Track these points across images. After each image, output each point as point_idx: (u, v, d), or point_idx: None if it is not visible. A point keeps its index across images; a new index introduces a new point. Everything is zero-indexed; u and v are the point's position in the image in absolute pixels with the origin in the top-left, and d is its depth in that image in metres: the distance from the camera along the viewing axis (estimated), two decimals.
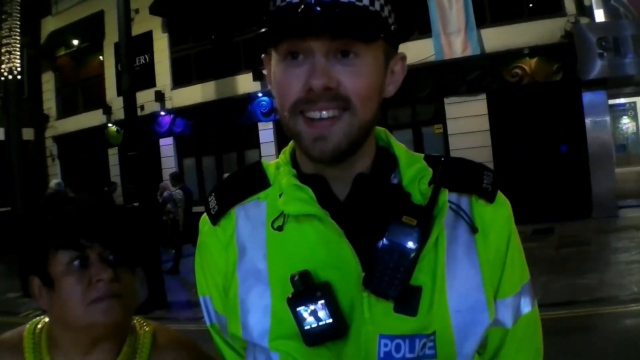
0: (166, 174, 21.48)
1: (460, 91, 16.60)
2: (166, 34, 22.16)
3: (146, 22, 21.66)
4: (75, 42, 24.94)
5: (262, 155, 20.10)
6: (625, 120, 29.42)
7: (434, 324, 1.22)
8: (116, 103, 21.64)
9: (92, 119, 23.79)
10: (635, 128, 29.08)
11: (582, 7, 15.45)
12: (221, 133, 20.95)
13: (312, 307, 1.19)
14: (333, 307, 1.20)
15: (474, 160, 1.38)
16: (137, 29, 19.50)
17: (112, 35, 20.83)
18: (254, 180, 1.40)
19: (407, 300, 1.20)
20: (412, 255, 1.18)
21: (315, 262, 1.26)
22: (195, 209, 21.11)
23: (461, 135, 16.62)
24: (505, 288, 1.34)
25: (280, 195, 1.32)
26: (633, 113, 28.97)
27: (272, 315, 1.28)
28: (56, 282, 1.45)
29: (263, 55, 1.35)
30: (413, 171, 1.31)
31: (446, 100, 17.00)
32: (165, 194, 19.39)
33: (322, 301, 1.19)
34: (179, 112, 21.57)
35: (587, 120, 15.39)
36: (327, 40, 1.16)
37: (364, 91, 1.20)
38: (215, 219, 1.42)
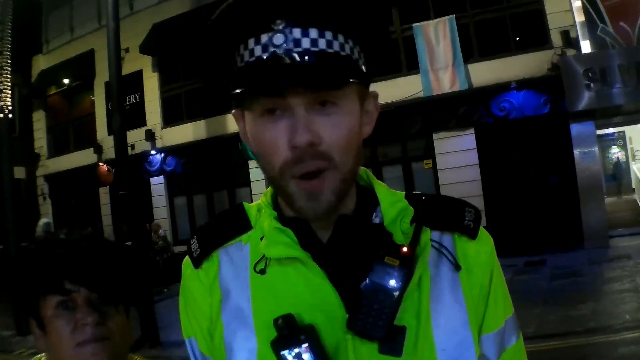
0: (157, 213, 21.48)
1: (449, 126, 16.66)
2: (156, 73, 22.22)
3: (136, 61, 21.73)
4: (66, 80, 24.98)
5: (252, 193, 20.08)
6: (614, 149, 29.53)
7: None
8: (107, 142, 21.64)
9: (83, 157, 23.77)
10: (624, 157, 29.19)
11: (569, 39, 15.57)
12: (212, 171, 20.97)
13: (296, 350, 1.18)
14: (317, 350, 1.18)
15: (454, 197, 1.38)
16: (127, 68, 19.57)
17: (102, 74, 20.85)
18: (236, 223, 1.40)
19: (392, 340, 1.18)
20: (396, 295, 1.17)
21: (299, 305, 1.25)
22: (183, 249, 21.16)
23: (451, 170, 16.66)
24: (490, 323, 1.32)
25: (262, 239, 1.32)
26: (622, 142, 29.09)
27: (258, 358, 1.26)
28: (47, 325, 1.47)
29: (233, 111, 1.35)
30: (395, 210, 1.31)
31: (435, 136, 17.04)
32: (160, 232, 19.42)
33: (306, 344, 1.18)
34: (170, 151, 21.58)
35: (576, 152, 15.43)
36: (302, 92, 1.14)
37: (343, 143, 1.19)
38: (197, 262, 1.40)
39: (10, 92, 14.66)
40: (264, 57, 1.15)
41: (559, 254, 14.78)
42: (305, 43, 1.14)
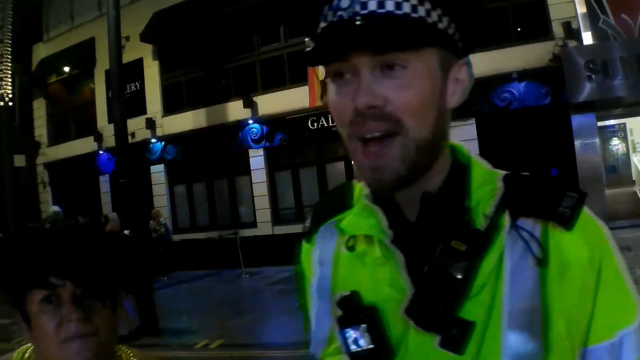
0: (157, 201, 21.49)
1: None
2: (157, 61, 22.22)
3: (137, 50, 21.72)
4: (67, 69, 24.99)
5: (252, 181, 20.12)
6: (615, 141, 29.46)
7: None
8: (107, 130, 21.65)
9: (83, 146, 23.79)
10: (625, 149, 29.13)
11: (570, 30, 15.52)
12: (212, 160, 20.98)
13: (356, 330, 1.18)
14: (375, 333, 1.17)
15: (560, 179, 1.25)
16: (128, 56, 19.55)
17: (103, 62, 20.84)
18: (339, 200, 1.39)
19: (453, 335, 1.09)
20: (457, 284, 1.10)
21: (369, 285, 1.23)
22: (185, 237, 21.16)
23: None
24: (598, 333, 1.10)
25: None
26: (623, 134, 29.02)
27: (330, 333, 1.31)
28: (32, 320, 1.46)
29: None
30: (483, 191, 1.18)
31: None
32: (161, 220, 19.44)
33: (364, 326, 1.17)
34: (170, 139, 21.60)
35: (577, 143, 15.41)
36: (367, 55, 1.10)
37: (414, 104, 1.10)
38: (308, 237, 1.47)
39: (10, 80, 14.69)
40: (333, 21, 1.12)
41: None
42: (372, 5, 1.09)
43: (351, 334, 1.18)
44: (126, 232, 11.69)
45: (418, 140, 1.12)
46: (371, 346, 1.17)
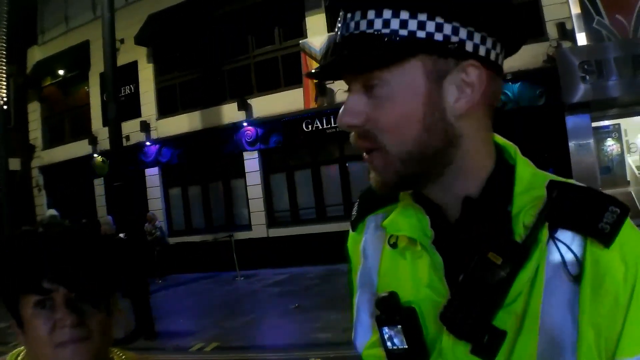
0: (152, 204, 21.49)
1: None
2: (151, 64, 22.20)
3: (132, 52, 21.72)
4: (61, 71, 24.93)
5: (247, 184, 20.12)
6: (609, 142, 29.48)
7: None
8: (102, 133, 21.61)
9: (78, 149, 23.75)
10: (619, 150, 29.16)
11: (565, 31, 15.56)
12: (207, 162, 20.97)
13: (392, 329, 1.21)
14: (410, 335, 1.19)
15: (602, 192, 1.17)
16: (122, 59, 19.58)
17: (97, 65, 20.84)
18: None
19: (485, 343, 1.09)
20: (492, 295, 1.09)
21: (409, 285, 1.25)
22: (180, 240, 21.14)
23: None
24: (626, 347, 1.05)
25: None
26: (617, 135, 29.03)
27: (373, 327, 1.31)
28: (25, 324, 1.46)
29: None
30: (526, 199, 1.16)
31: None
32: (157, 223, 19.43)
33: (400, 326, 1.20)
34: (165, 142, 21.59)
35: (571, 144, 15.44)
36: (351, 76, 1.15)
37: (390, 122, 1.13)
38: (353, 225, 1.47)
39: (5, 83, 14.68)
40: (332, 42, 1.19)
41: None
42: (351, 27, 1.13)
43: (388, 332, 1.22)
44: (121, 235, 11.69)
45: (398, 154, 1.14)
46: (406, 346, 1.20)
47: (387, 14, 1.09)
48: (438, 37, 1.10)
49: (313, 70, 1.20)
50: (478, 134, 1.21)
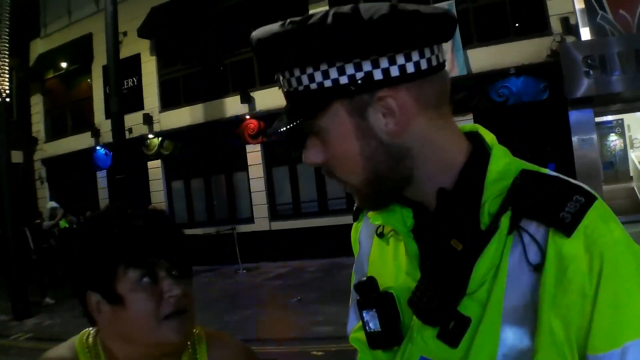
0: (155, 196, 21.50)
1: None
2: (154, 57, 22.18)
3: (134, 45, 21.69)
4: (64, 64, 24.94)
5: (250, 177, 20.12)
6: (612, 137, 29.50)
7: None
8: (105, 126, 21.63)
9: (80, 141, 23.79)
10: (622, 145, 29.17)
11: (568, 26, 15.54)
12: (209, 155, 20.98)
13: (370, 313, 1.28)
14: (384, 318, 1.26)
15: (570, 182, 1.15)
16: (125, 52, 19.59)
17: (100, 57, 20.89)
18: None
19: (450, 329, 1.14)
20: (454, 281, 1.13)
21: (388, 272, 1.34)
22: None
23: None
24: (596, 342, 1.05)
25: None
26: (620, 130, 29.06)
27: (357, 313, 1.38)
28: (125, 299, 1.45)
29: None
30: (496, 188, 1.17)
31: None
32: None
33: (374, 310, 1.27)
34: (167, 135, 21.59)
35: (574, 138, 15.41)
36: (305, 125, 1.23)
37: (336, 162, 1.23)
38: (355, 215, 1.56)
39: (8, 76, 14.64)
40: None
41: None
42: (292, 82, 1.20)
43: (366, 315, 1.29)
44: None
45: (357, 184, 1.23)
46: (379, 329, 1.27)
47: (296, 72, 1.17)
48: (343, 80, 1.14)
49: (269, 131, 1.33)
50: (432, 136, 1.22)
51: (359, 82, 1.14)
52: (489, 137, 1.30)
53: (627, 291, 1.05)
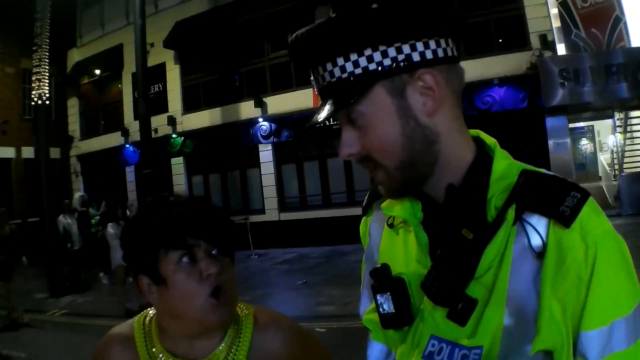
0: (177, 190, 21.48)
1: None
2: (178, 65, 22.18)
3: (160, 55, 21.71)
4: (97, 71, 25.01)
5: (262, 173, 20.15)
6: (584, 141, 29.54)
7: (481, 339, 1.15)
8: (133, 126, 21.63)
9: (111, 140, 23.84)
10: (592, 149, 29.21)
11: (546, 42, 15.56)
12: (226, 153, 20.97)
13: (384, 296, 1.29)
14: (398, 301, 1.27)
15: (566, 180, 1.19)
16: (152, 61, 19.59)
17: (130, 65, 20.95)
18: None
19: (459, 310, 1.15)
20: (464, 267, 1.15)
21: (401, 259, 1.33)
22: None
23: None
24: (589, 320, 1.08)
25: None
26: (591, 135, 29.09)
27: (369, 296, 1.41)
28: (168, 280, 1.45)
29: None
30: (499, 185, 1.20)
31: None
32: None
33: (389, 294, 1.28)
34: (189, 135, 21.58)
35: (550, 142, 15.47)
36: (341, 115, 1.22)
37: (376, 145, 1.19)
38: (364, 210, 1.53)
39: (48, 81, 14.67)
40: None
41: None
42: (319, 80, 1.21)
43: (380, 299, 1.29)
44: None
45: (394, 166, 1.20)
46: (393, 311, 1.28)
47: (340, 61, 1.15)
48: (386, 62, 1.14)
49: (310, 124, 1.26)
50: (453, 125, 1.23)
51: (401, 63, 1.15)
52: (490, 140, 1.33)
53: (615, 276, 1.09)
